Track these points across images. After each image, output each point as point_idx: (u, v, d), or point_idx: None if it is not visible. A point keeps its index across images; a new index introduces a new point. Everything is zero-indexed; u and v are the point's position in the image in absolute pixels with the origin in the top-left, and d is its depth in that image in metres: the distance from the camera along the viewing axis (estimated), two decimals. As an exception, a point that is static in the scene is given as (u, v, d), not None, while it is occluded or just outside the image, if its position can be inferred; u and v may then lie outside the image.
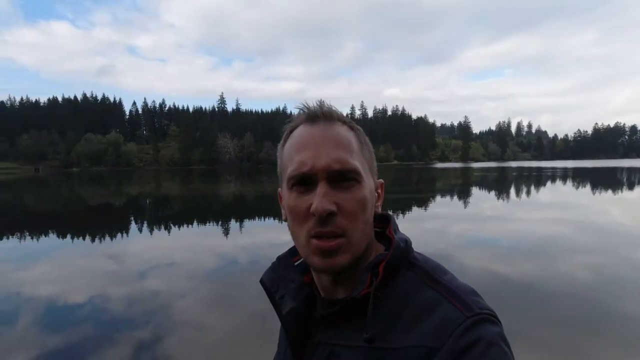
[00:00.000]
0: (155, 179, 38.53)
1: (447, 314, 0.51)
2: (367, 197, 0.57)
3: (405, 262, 0.58)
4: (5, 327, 3.80)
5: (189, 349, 3.31)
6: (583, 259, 5.96)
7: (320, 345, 0.58)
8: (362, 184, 0.56)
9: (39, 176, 53.91)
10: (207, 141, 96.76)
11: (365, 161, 0.60)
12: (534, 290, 4.60)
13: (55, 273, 5.73)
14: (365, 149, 0.61)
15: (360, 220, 0.56)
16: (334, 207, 0.53)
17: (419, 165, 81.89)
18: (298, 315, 0.60)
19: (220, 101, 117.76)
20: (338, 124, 0.59)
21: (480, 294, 0.54)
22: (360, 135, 0.62)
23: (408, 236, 0.63)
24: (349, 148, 0.57)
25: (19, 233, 9.31)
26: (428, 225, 9.12)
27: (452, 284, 0.55)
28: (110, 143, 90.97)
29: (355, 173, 0.56)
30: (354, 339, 0.54)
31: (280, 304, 0.62)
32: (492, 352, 0.48)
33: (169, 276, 5.46)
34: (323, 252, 0.54)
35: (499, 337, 0.50)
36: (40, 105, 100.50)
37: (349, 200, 0.55)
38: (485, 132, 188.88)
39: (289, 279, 0.64)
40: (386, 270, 0.56)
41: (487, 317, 0.51)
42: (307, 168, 0.55)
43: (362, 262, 0.59)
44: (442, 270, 0.59)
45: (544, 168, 50.48)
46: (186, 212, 13.69)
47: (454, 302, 0.52)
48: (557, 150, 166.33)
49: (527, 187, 21.13)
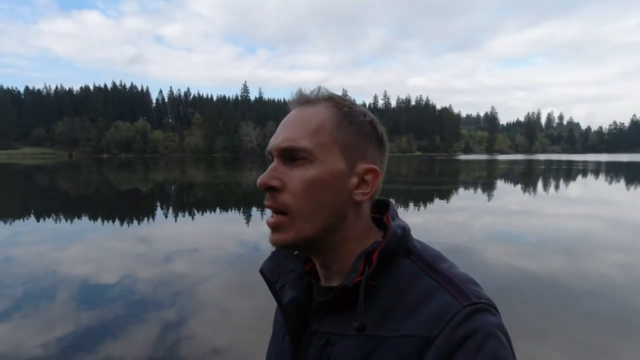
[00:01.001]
0: (180, 166, 39.59)
1: (442, 303, 0.50)
2: (319, 177, 0.55)
3: (403, 250, 0.57)
4: (44, 302, 4.07)
5: (212, 330, 3.45)
6: (614, 257, 5.73)
7: (317, 334, 0.58)
8: (314, 164, 0.55)
9: (72, 161, 56.50)
10: (230, 129, 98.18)
11: (335, 142, 0.56)
12: (560, 287, 4.47)
13: (87, 254, 6.04)
14: (344, 129, 0.57)
15: (307, 200, 0.54)
16: (273, 182, 0.55)
17: (442, 157, 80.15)
18: (298, 305, 0.61)
19: (244, 90, 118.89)
20: (316, 105, 0.58)
21: (504, 290, 0.54)
22: (343, 114, 0.58)
23: (406, 223, 0.61)
24: (306, 127, 0.56)
25: (54, 215, 9.84)
26: (450, 218, 8.98)
27: (450, 272, 0.54)
28: (138, 130, 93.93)
29: (305, 152, 0.55)
30: (349, 328, 0.53)
31: (281, 294, 0.62)
32: (490, 344, 0.47)
33: (193, 260, 5.66)
34: (270, 227, 0.56)
35: (497, 328, 0.48)
36: (73, 93, 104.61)
37: (294, 178, 0.55)
38: (513, 123, 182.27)
39: (289, 268, 0.65)
40: (381, 258, 0.55)
41: (485, 307, 0.50)
42: (268, 148, 0.59)
43: (343, 249, 0.58)
44: (441, 258, 0.57)
45: (575, 162, 48.32)
46: (209, 199, 14.03)
47: (450, 290, 0.51)
48: (590, 143, 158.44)
49: (556, 181, 20.33)
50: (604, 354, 3.08)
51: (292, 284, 0.63)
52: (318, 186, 0.55)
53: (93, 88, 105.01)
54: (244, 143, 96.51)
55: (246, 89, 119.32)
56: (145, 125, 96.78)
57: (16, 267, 5.31)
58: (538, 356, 2.94)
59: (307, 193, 0.54)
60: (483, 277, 4.77)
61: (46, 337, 3.27)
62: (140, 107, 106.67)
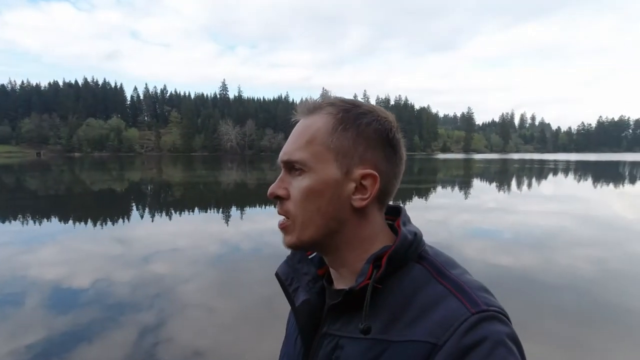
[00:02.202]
0: (157, 165, 38.57)
1: (450, 309, 0.50)
2: (312, 186, 0.58)
3: (414, 255, 0.58)
4: (12, 308, 3.87)
5: (192, 333, 3.37)
6: (584, 252, 5.99)
7: (328, 337, 0.59)
8: (309, 174, 0.58)
9: (41, 160, 54.02)
10: (208, 128, 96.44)
11: (329, 150, 0.58)
12: (534, 282, 4.63)
13: (59, 257, 5.79)
14: (341, 137, 0.58)
15: (304, 207, 0.58)
16: (280, 191, 0.60)
17: (421, 156, 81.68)
18: (310, 307, 0.62)
19: (222, 88, 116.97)
20: (315, 115, 0.60)
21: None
22: (341, 121, 0.58)
23: (419, 228, 0.62)
24: (304, 139, 0.60)
25: (22, 217, 9.38)
26: (429, 216, 9.15)
27: (461, 278, 0.54)
28: (112, 128, 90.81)
29: (300, 163, 0.59)
30: (357, 332, 0.54)
31: (294, 296, 0.64)
32: (498, 353, 0.45)
33: (172, 261, 5.52)
34: (279, 229, 0.62)
35: (507, 337, 0.48)
36: (41, 89, 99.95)
37: (294, 188, 0.59)
38: (489, 123, 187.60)
39: (302, 272, 0.66)
40: (391, 263, 0.55)
41: (494, 315, 0.49)
42: (278, 160, 0.63)
43: (348, 253, 0.60)
44: (452, 264, 0.58)
45: (547, 161, 50.31)
46: (188, 199, 13.74)
47: (459, 296, 0.51)
48: (560, 143, 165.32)
49: (529, 180, 21.10)
50: (578, 345, 3.21)
51: (305, 287, 0.64)
52: (313, 194, 0.58)
53: (63, 84, 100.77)
54: (223, 142, 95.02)
55: (225, 87, 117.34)
56: (119, 123, 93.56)
57: (-19, 272, 5.02)
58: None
59: (304, 201, 0.58)
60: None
61: (15, 345, 3.11)
62: (113, 104, 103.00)
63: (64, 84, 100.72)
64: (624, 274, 5.02)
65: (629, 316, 3.71)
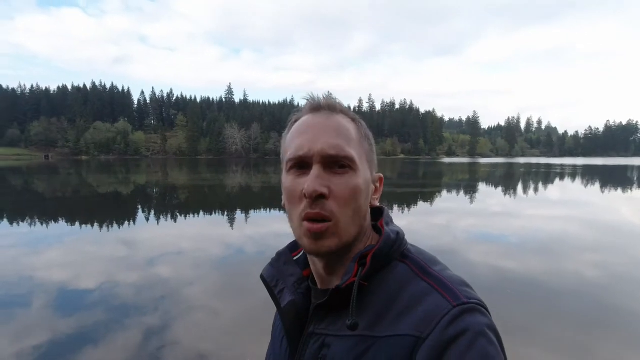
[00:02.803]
0: (163, 168, 38.82)
1: (433, 304, 0.51)
2: (361, 185, 0.58)
3: (397, 253, 0.59)
4: (19, 309, 3.90)
5: (196, 335, 3.38)
6: (591, 257, 5.92)
7: (314, 336, 0.59)
8: (357, 173, 0.58)
9: (49, 163, 54.61)
10: (214, 132, 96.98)
11: (364, 152, 0.61)
12: (541, 287, 4.58)
13: (65, 258, 5.84)
14: (365, 141, 0.63)
15: (350, 207, 0.57)
16: (324, 189, 0.55)
17: (426, 160, 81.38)
18: (296, 308, 0.62)
19: (228, 92, 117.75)
20: (340, 115, 0.61)
21: (487, 289, 0.55)
22: (361, 127, 0.63)
23: (401, 228, 0.64)
24: (346, 136, 0.59)
25: (29, 219, 9.48)
26: (434, 220, 9.10)
27: (442, 274, 0.55)
28: (119, 132, 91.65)
29: (350, 160, 0.57)
30: (344, 329, 0.55)
31: (280, 298, 0.64)
32: (480, 343, 0.47)
33: (177, 264, 5.54)
34: (312, 234, 0.56)
35: (487, 327, 0.49)
36: (50, 93, 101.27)
37: (341, 185, 0.56)
38: (494, 127, 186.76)
39: (288, 273, 0.66)
40: (375, 261, 0.56)
41: (475, 307, 0.51)
42: (303, 151, 0.57)
43: (352, 252, 0.60)
44: (434, 261, 0.59)
45: (553, 165, 49.88)
46: (193, 202, 13.80)
47: (441, 291, 0.52)
48: (567, 147, 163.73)
49: (535, 184, 20.92)
50: (583, 350, 3.17)
51: (291, 288, 0.65)
52: (359, 194, 0.58)
53: (71, 88, 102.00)
54: (229, 145, 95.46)
55: (231, 90, 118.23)
56: (126, 127, 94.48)
57: (-11, 273, 5.08)
58: (521, 353, 3.01)
59: (352, 200, 0.57)
60: (467, 277, 4.84)
61: (21, 346, 3.14)
62: (121, 108, 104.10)
63: (73, 88, 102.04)
64: (631, 279, 4.95)
65: (636, 321, 3.66)
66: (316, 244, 0.56)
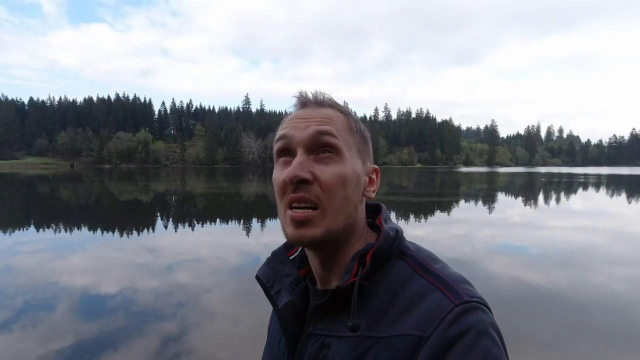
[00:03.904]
0: (181, 177, 39.62)
1: (435, 302, 0.50)
2: (348, 173, 0.56)
3: (397, 251, 0.58)
4: (44, 313, 4.03)
5: (215, 342, 3.40)
6: (620, 271, 5.68)
7: (313, 337, 0.58)
8: (343, 160, 0.57)
9: (74, 172, 56.58)
10: (231, 141, 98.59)
11: (353, 142, 0.60)
12: (564, 300, 4.42)
13: (88, 264, 6.00)
14: (356, 133, 0.61)
15: (337, 195, 0.55)
16: (307, 174, 0.54)
17: (443, 169, 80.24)
18: (294, 309, 0.61)
19: (245, 101, 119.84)
20: (328, 109, 0.61)
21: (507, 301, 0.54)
22: (351, 120, 0.62)
23: (399, 226, 0.62)
24: (331, 124, 0.58)
25: (54, 225, 9.81)
26: (453, 230, 8.94)
27: (443, 272, 0.54)
28: (140, 141, 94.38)
29: (334, 147, 0.56)
30: (344, 330, 0.54)
31: (277, 299, 0.63)
32: (483, 342, 0.46)
33: (195, 271, 5.62)
34: (296, 222, 0.54)
35: (489, 326, 0.49)
36: (77, 104, 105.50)
37: (326, 172, 0.55)
38: (513, 136, 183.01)
39: (284, 273, 0.65)
40: (374, 260, 0.55)
41: (477, 305, 0.50)
42: (287, 139, 0.58)
43: (347, 249, 0.59)
44: (434, 259, 0.58)
45: (576, 174, 48.33)
46: (210, 210, 14.00)
47: (443, 289, 0.51)
48: (590, 156, 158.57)
49: (557, 194, 20.30)
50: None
51: (288, 289, 0.63)
52: (346, 181, 0.56)
53: (96, 99, 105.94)
54: (245, 154, 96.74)
55: (248, 100, 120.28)
56: (147, 136, 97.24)
57: (16, 277, 5.27)
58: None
59: (338, 187, 0.55)
60: (486, 288, 4.72)
61: (46, 349, 3.23)
62: (142, 118, 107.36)
63: (98, 99, 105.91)
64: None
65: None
66: (299, 232, 0.55)
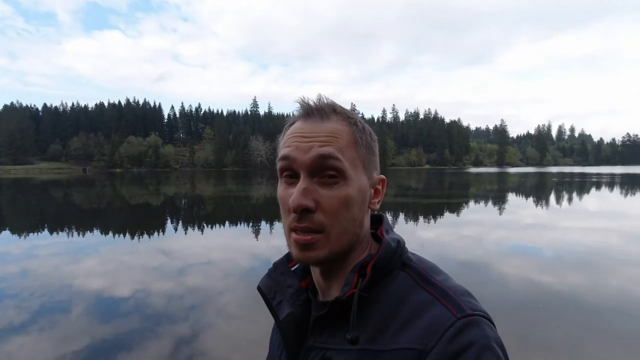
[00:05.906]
0: (191, 180, 39.99)
1: (436, 315, 0.49)
2: (352, 195, 0.55)
3: (398, 262, 0.57)
4: (60, 315, 4.10)
5: (227, 345, 3.42)
6: (636, 272, 5.55)
7: (314, 350, 0.57)
8: (348, 182, 0.55)
9: (86, 176, 57.55)
10: (239, 144, 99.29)
11: (359, 157, 0.58)
12: (581, 304, 4.33)
13: (101, 267, 6.09)
14: (362, 144, 0.59)
15: (341, 218, 0.54)
16: (310, 203, 0.53)
17: (452, 170, 79.54)
18: (295, 320, 0.60)
19: (253, 104, 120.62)
20: (333, 119, 0.58)
21: (519, 304, 0.53)
22: (358, 130, 0.59)
23: (401, 236, 0.62)
24: (336, 144, 0.55)
25: (67, 229, 9.99)
26: (463, 232, 8.84)
27: (445, 284, 0.53)
28: (150, 145, 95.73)
29: (338, 170, 0.54)
30: (345, 343, 0.53)
31: (278, 310, 0.62)
32: (486, 358, 0.45)
33: (206, 274, 5.66)
34: (300, 245, 0.55)
35: (493, 341, 0.47)
36: (89, 110, 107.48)
37: (330, 198, 0.54)
38: (524, 136, 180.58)
39: (286, 284, 0.64)
40: (375, 271, 0.55)
41: (480, 319, 0.49)
42: (290, 161, 0.56)
43: (350, 260, 0.58)
44: (436, 271, 0.57)
45: (588, 174, 47.45)
46: (219, 212, 14.10)
47: (444, 302, 0.50)
48: (603, 155, 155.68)
49: (570, 194, 19.95)
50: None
51: (290, 300, 0.62)
52: (351, 203, 0.55)
53: (107, 105, 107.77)
54: (253, 157, 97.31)
55: (256, 104, 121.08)
56: (157, 140, 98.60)
57: (32, 280, 5.37)
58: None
59: (342, 211, 0.54)
60: (498, 290, 4.66)
61: (63, 350, 3.28)
62: (152, 122, 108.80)
63: (109, 104, 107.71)
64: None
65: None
66: (303, 255, 0.55)
